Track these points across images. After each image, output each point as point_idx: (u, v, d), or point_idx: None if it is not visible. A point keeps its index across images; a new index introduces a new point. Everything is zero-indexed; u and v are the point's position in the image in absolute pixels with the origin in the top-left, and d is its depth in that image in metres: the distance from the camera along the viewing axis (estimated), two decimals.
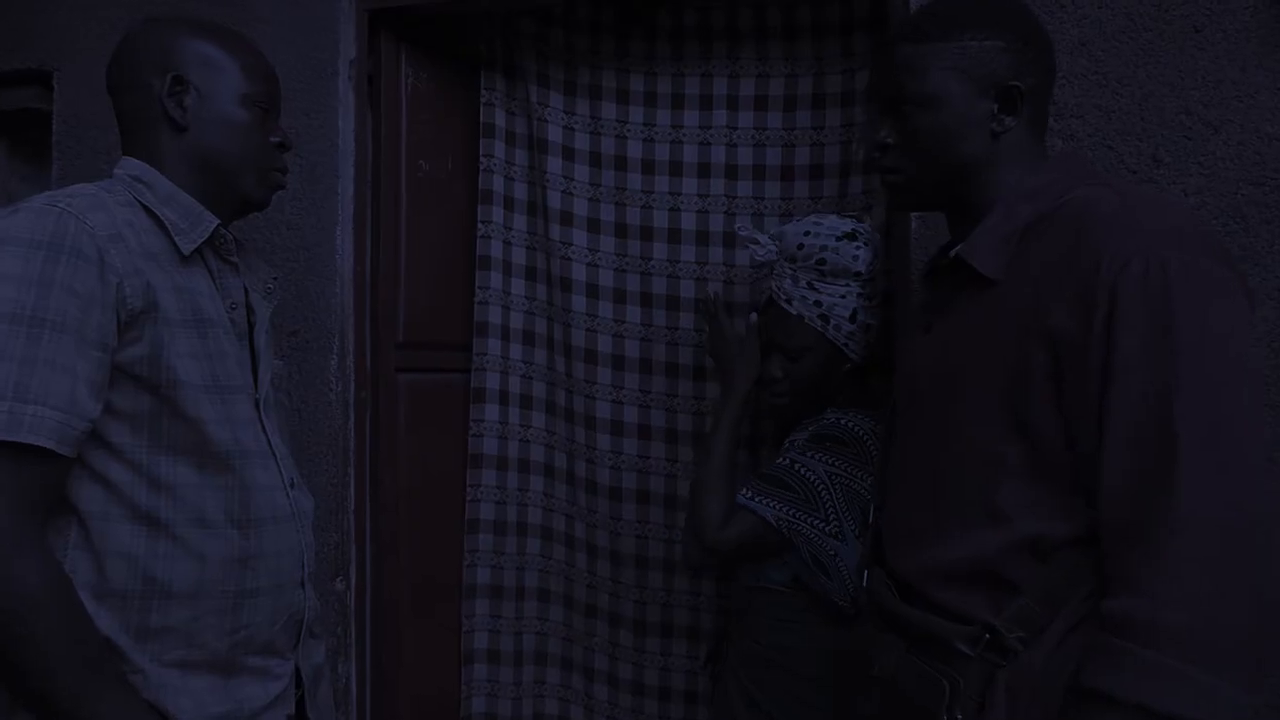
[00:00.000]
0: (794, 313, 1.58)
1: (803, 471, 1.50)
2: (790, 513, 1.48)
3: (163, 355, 1.12)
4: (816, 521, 1.47)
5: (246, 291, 1.29)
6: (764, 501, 1.49)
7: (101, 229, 1.09)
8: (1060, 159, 1.20)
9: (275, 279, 1.37)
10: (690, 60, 1.92)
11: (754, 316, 1.65)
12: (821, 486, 1.48)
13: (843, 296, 1.57)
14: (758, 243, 1.64)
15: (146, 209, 1.18)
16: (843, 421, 1.54)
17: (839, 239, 1.57)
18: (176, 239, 1.18)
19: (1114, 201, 1.06)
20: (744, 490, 1.52)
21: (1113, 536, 0.97)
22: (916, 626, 1.12)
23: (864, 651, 1.25)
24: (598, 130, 1.97)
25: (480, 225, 1.98)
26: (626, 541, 1.97)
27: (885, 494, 1.29)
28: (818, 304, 1.57)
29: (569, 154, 1.98)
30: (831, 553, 1.46)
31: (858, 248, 1.56)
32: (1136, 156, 1.50)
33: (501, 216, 1.99)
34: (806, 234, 1.59)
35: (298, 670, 1.25)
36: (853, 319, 1.57)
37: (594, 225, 1.98)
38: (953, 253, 1.18)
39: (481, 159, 1.97)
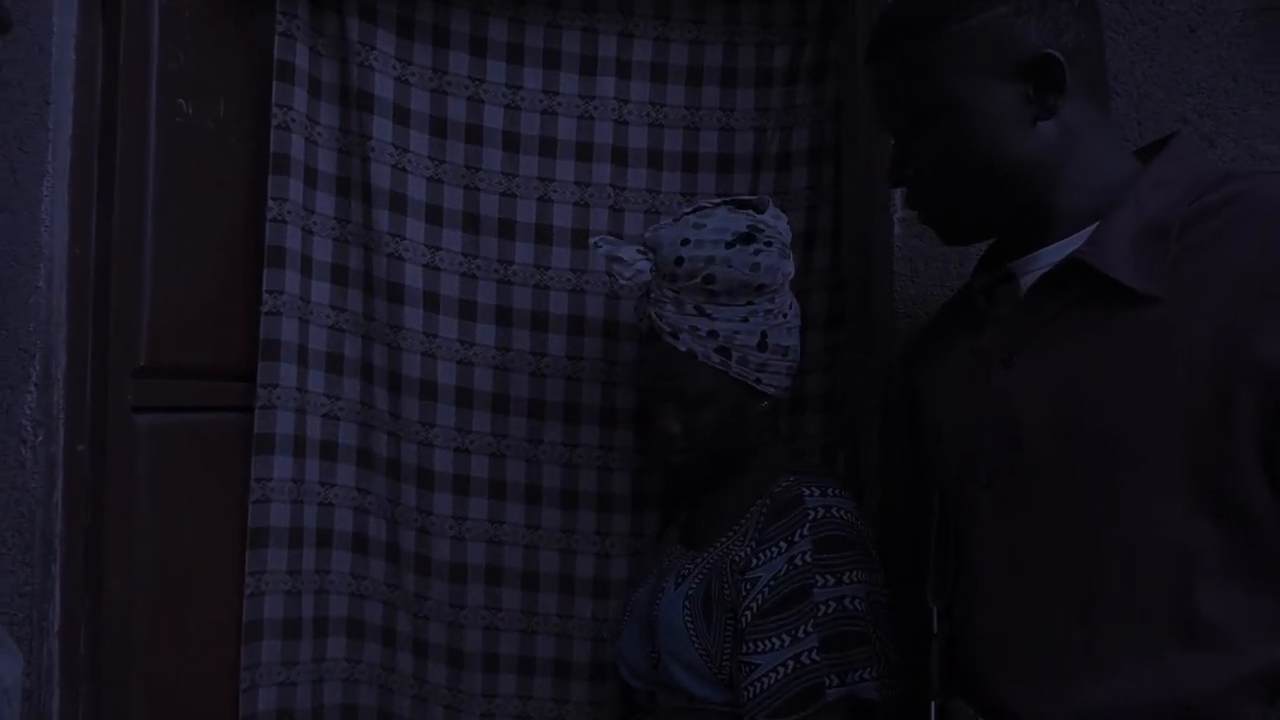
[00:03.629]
0: (683, 349, 1.12)
1: (856, 606, 1.04)
2: (886, 668, 1.05)
3: None
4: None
5: None
6: (860, 676, 1.03)
7: None
8: (1182, 142, 0.90)
9: None
10: (570, 9, 1.38)
11: None
12: (870, 617, 1.06)
13: (745, 320, 1.13)
14: (622, 261, 1.15)
15: None
16: (835, 513, 1.08)
17: (730, 245, 1.12)
18: None
19: None
20: (829, 680, 1.02)
21: None
22: None
23: None
24: (443, 88, 1.39)
25: (271, 204, 1.30)
26: (471, 636, 1.37)
27: (956, 595, 0.92)
28: (713, 334, 1.12)
29: (401, 115, 1.37)
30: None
31: (756, 251, 1.12)
32: None
33: (301, 193, 1.33)
34: (685, 243, 1.12)
35: None
36: (762, 346, 1.14)
37: (434, 214, 1.38)
38: (1066, 255, 0.84)
39: (274, 110, 1.29)
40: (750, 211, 1.17)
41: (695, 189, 1.43)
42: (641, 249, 1.18)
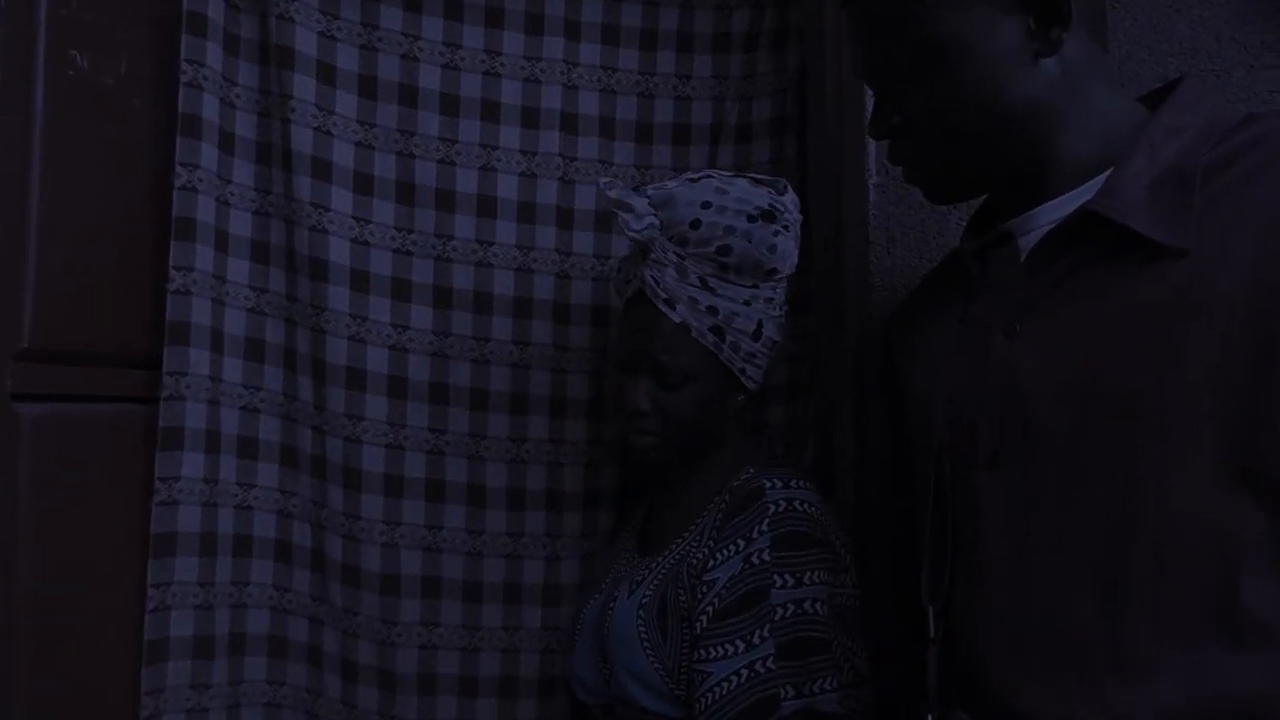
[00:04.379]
0: (677, 320, 1.05)
1: (817, 609, 0.95)
2: (852, 677, 0.96)
3: None
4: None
5: None
6: (819, 687, 0.94)
7: None
8: (1191, 86, 0.83)
9: None
10: None
11: None
12: (834, 621, 0.97)
13: (747, 303, 1.06)
14: (632, 210, 1.06)
15: None
16: (799, 506, 0.99)
17: (752, 219, 1.04)
18: None
19: None
20: (785, 691, 0.93)
21: None
22: None
23: None
24: (373, 45, 1.27)
25: (179, 170, 1.17)
26: (405, 655, 1.25)
27: (955, 592, 0.83)
28: (712, 310, 1.05)
29: (328, 74, 1.25)
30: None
31: (775, 233, 1.05)
32: None
33: (215, 160, 1.20)
34: (706, 206, 1.05)
35: None
36: (757, 335, 1.06)
37: (364, 183, 1.27)
38: (1075, 208, 0.76)
39: (183, 67, 1.17)
40: (770, 190, 1.10)
41: (650, 161, 1.35)
42: (652, 202, 1.09)
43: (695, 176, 1.11)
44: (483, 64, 1.31)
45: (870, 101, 1.04)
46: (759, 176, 1.12)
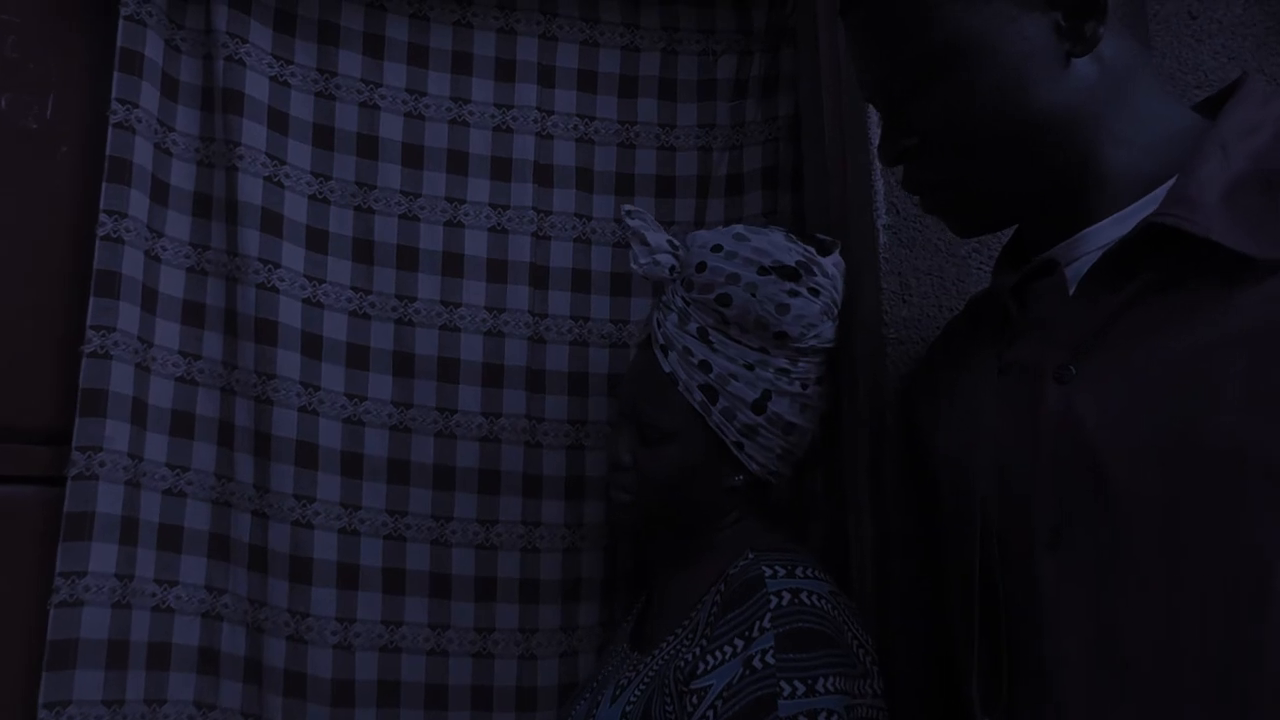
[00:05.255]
0: (666, 369, 0.92)
1: None
2: None
3: None
4: None
5: None
6: None
7: None
8: (1256, 84, 0.72)
9: None
10: (483, 6, 1.19)
11: None
12: None
13: (749, 367, 0.91)
14: (646, 243, 0.94)
15: None
16: (806, 599, 0.83)
17: (764, 271, 0.90)
18: None
19: None
20: None
21: None
22: None
23: None
24: (330, 92, 1.15)
25: (104, 219, 1.02)
26: None
27: (1015, 703, 0.66)
28: (705, 366, 0.91)
29: (279, 122, 1.12)
30: None
31: (792, 292, 0.91)
32: None
33: (145, 210, 1.06)
34: (716, 249, 0.92)
35: None
36: (759, 407, 0.91)
37: (318, 240, 1.13)
38: (1139, 222, 0.64)
39: (114, 105, 1.04)
40: (808, 248, 0.95)
41: None
42: (674, 241, 0.97)
43: (742, 226, 0.98)
44: (449, 112, 1.18)
45: (877, 133, 0.93)
46: (820, 235, 0.99)
